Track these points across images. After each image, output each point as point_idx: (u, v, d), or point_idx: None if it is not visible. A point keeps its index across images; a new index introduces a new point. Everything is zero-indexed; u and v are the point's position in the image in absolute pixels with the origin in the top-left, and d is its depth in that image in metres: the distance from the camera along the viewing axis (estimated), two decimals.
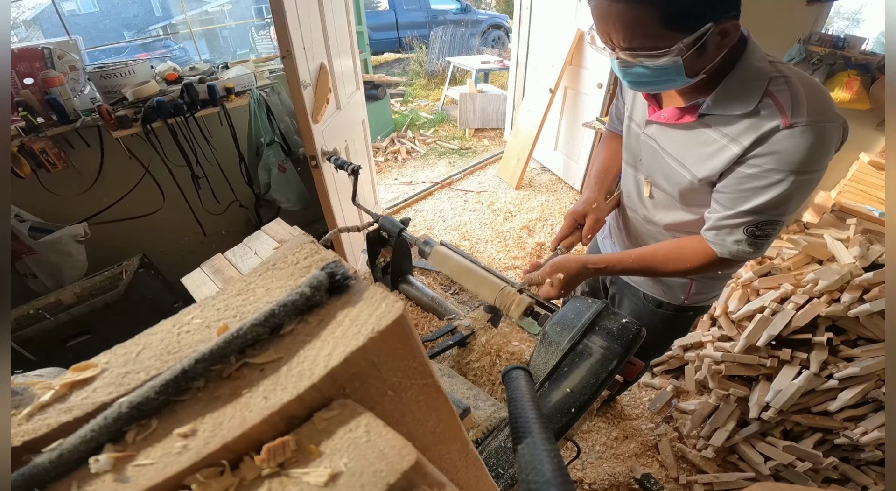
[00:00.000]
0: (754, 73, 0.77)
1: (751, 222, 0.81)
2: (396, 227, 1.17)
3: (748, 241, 0.83)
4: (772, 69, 0.76)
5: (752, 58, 0.77)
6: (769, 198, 0.77)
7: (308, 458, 0.22)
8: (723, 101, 0.79)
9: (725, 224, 0.84)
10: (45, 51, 1.92)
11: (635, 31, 0.71)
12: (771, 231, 0.82)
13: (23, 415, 0.25)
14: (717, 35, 0.71)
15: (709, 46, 0.72)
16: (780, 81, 0.75)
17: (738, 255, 0.85)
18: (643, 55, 0.73)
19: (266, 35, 7.51)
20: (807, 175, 0.75)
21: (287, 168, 2.43)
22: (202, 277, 1.05)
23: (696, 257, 0.91)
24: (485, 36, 8.04)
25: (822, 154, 0.73)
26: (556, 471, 0.34)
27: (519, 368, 0.54)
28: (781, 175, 0.75)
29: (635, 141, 1.00)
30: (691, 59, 0.73)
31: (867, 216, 2.07)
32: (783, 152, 0.74)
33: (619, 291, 1.27)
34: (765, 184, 0.77)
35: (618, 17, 0.70)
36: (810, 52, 2.33)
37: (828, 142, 0.73)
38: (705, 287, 1.10)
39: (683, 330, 1.27)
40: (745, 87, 0.77)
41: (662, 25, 0.69)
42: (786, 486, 0.34)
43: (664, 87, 0.81)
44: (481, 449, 0.74)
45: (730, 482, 1.58)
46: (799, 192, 0.76)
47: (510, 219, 3.18)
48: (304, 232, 1.19)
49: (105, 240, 2.14)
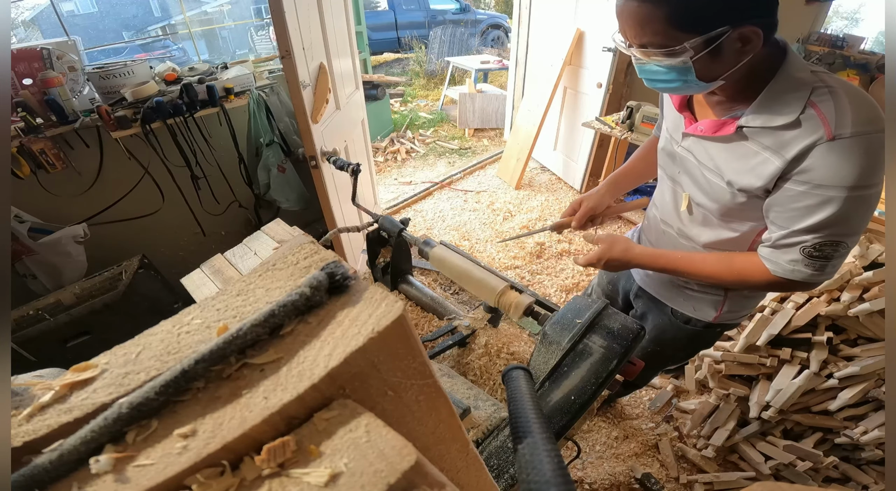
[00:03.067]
0: (795, 83, 0.74)
1: (808, 242, 0.77)
2: (396, 227, 1.17)
3: (804, 262, 0.78)
4: (815, 79, 0.73)
5: (791, 68, 0.74)
6: (824, 217, 0.73)
7: (308, 458, 0.22)
8: (762, 113, 0.76)
9: (781, 243, 0.80)
10: (44, 51, 1.92)
11: (644, 28, 0.72)
12: (832, 252, 0.76)
13: (23, 415, 0.25)
14: (736, 41, 0.69)
15: (725, 51, 0.71)
16: (824, 91, 0.71)
17: (795, 275, 0.80)
18: (654, 53, 0.74)
19: (265, 35, 7.51)
20: (861, 191, 0.70)
21: (286, 168, 2.43)
22: (202, 278, 1.05)
23: (748, 269, 0.87)
24: (484, 36, 8.04)
25: (872, 166, 0.69)
26: (556, 471, 0.34)
27: (519, 368, 0.54)
28: (833, 191, 0.71)
29: (672, 154, 0.98)
30: (705, 62, 0.72)
31: None
32: (829, 167, 0.70)
33: (645, 306, 1.22)
34: (816, 202, 0.73)
35: (630, 14, 0.72)
36: (809, 52, 2.33)
37: (877, 153, 0.68)
38: (737, 306, 1.05)
39: (708, 345, 1.23)
40: (785, 98, 0.74)
41: (669, 24, 0.69)
42: (786, 485, 0.34)
43: (680, 89, 0.80)
44: (481, 449, 0.74)
45: (730, 482, 1.58)
46: (856, 209, 0.72)
47: (510, 219, 3.18)
48: (304, 232, 1.20)
49: (105, 240, 2.14)
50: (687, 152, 0.92)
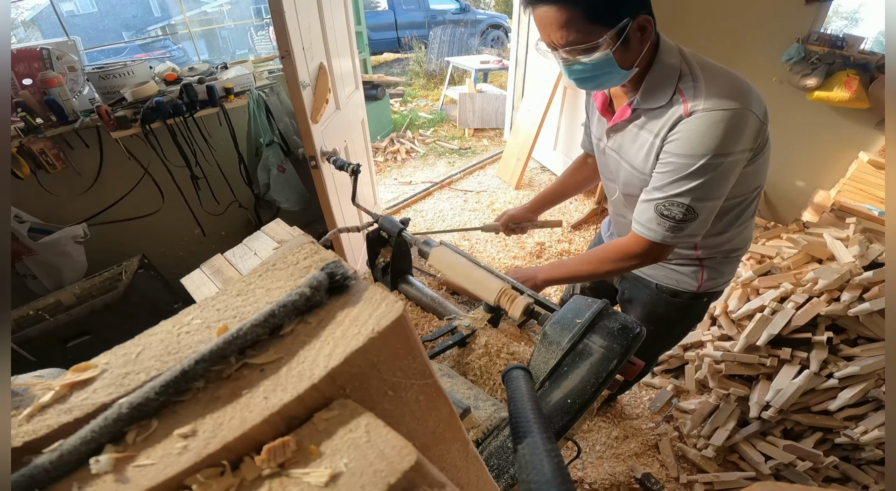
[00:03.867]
0: (667, 69, 0.87)
1: (659, 200, 0.89)
2: (396, 227, 1.17)
3: (657, 221, 0.90)
4: (681, 64, 0.86)
5: (664, 55, 0.87)
6: (673, 178, 0.86)
7: (308, 458, 0.22)
8: (646, 97, 0.89)
9: (642, 200, 0.93)
10: (43, 51, 1.92)
11: (568, 28, 0.80)
12: (680, 214, 0.88)
13: (23, 416, 0.25)
14: (636, 30, 0.81)
15: (632, 40, 0.82)
16: (687, 76, 0.85)
17: (651, 235, 0.92)
18: (579, 50, 0.82)
19: (265, 35, 7.52)
20: (708, 159, 0.81)
21: (286, 168, 2.43)
22: (202, 278, 1.05)
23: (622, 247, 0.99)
24: (484, 36, 8.04)
25: (721, 138, 0.80)
26: (556, 471, 0.34)
27: (519, 368, 0.54)
28: (685, 159, 0.83)
29: (603, 156, 1.09)
30: (620, 52, 0.82)
31: (867, 215, 2.07)
32: (684, 137, 0.83)
33: (630, 285, 1.28)
34: (671, 168, 0.86)
35: (550, 17, 0.80)
36: (809, 52, 2.33)
37: (729, 127, 0.80)
38: (716, 273, 1.13)
39: (699, 316, 1.28)
40: (660, 83, 0.87)
41: (587, 21, 0.79)
42: (786, 485, 0.34)
43: (606, 81, 0.89)
44: (481, 449, 0.74)
45: (730, 482, 1.58)
46: (704, 176, 0.83)
47: None
48: (304, 232, 1.20)
49: (104, 241, 2.14)
50: (612, 150, 1.04)
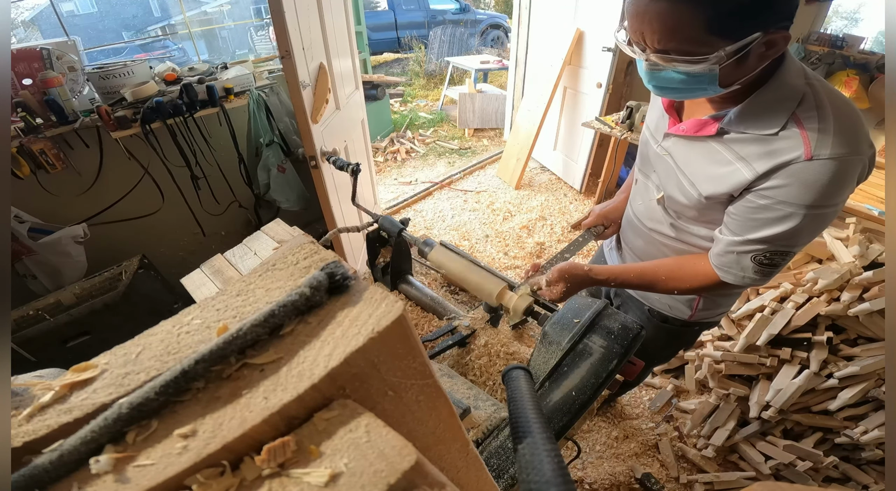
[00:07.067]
0: (786, 91, 0.71)
1: (760, 251, 0.78)
2: (396, 227, 1.17)
3: (754, 269, 0.80)
4: (805, 88, 0.70)
5: (787, 74, 0.71)
6: (781, 230, 0.74)
7: (308, 458, 0.22)
8: (747, 118, 0.74)
9: (733, 249, 0.81)
10: (43, 51, 1.92)
11: (674, 33, 0.65)
12: (780, 261, 0.79)
13: (23, 416, 0.25)
14: (762, 45, 0.66)
15: (751, 57, 0.67)
16: (811, 105, 0.69)
17: (743, 281, 0.83)
18: (678, 60, 0.68)
19: (265, 35, 7.51)
20: (822, 209, 0.71)
21: (286, 168, 2.42)
22: (202, 278, 1.05)
23: (698, 279, 0.89)
24: (484, 36, 8.04)
25: (840, 189, 0.69)
26: (556, 471, 0.34)
27: (519, 368, 0.54)
28: (793, 208, 0.71)
29: (650, 151, 0.97)
30: (729, 68, 0.67)
31: (866, 215, 2.07)
32: (798, 186, 0.69)
33: (623, 303, 1.24)
34: (776, 216, 0.73)
35: (657, 16, 0.65)
36: (809, 52, 2.33)
37: (849, 176, 0.68)
38: (713, 304, 1.07)
39: (688, 344, 1.24)
40: (773, 106, 0.72)
41: (707, 29, 0.64)
42: (786, 485, 0.34)
43: (692, 95, 0.76)
44: (481, 449, 0.74)
45: (730, 481, 1.58)
46: (812, 225, 0.73)
47: (510, 219, 3.18)
48: (304, 232, 1.19)
49: (104, 241, 2.14)
50: (665, 152, 0.91)
